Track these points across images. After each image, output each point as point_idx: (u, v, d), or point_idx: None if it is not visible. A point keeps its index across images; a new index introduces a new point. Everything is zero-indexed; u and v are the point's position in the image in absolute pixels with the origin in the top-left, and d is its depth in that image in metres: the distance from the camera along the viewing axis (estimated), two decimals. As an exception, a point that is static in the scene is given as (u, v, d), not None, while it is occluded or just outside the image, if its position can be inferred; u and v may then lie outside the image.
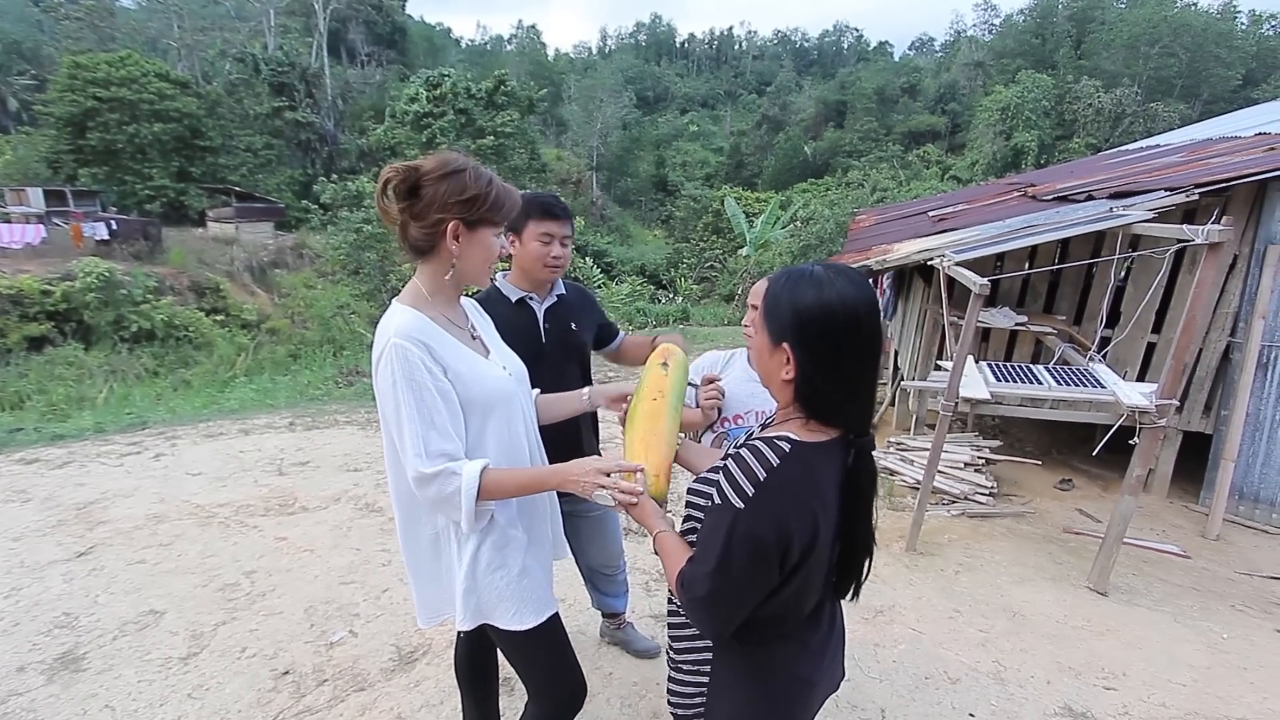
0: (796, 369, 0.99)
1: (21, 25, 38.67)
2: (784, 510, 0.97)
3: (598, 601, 2.43)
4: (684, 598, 1.05)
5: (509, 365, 1.45)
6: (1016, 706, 2.35)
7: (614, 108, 44.93)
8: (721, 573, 0.97)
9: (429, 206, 1.24)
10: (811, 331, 0.97)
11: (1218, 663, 2.71)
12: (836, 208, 18.61)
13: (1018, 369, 3.82)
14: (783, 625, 1.08)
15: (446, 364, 1.26)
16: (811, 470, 1.00)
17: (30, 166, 23.77)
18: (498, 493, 1.27)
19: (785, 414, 1.07)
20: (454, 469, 1.22)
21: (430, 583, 1.41)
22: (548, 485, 1.32)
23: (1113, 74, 37.26)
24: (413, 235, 1.28)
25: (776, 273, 1.07)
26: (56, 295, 12.76)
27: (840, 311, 0.96)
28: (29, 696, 2.20)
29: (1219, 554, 3.85)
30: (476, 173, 1.27)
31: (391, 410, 1.23)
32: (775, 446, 0.99)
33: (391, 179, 1.24)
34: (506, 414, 1.38)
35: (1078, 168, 9.80)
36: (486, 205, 1.27)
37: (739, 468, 0.99)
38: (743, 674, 1.10)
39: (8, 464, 4.26)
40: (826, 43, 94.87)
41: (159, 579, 2.94)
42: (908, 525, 3.58)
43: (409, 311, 1.28)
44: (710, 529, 1.01)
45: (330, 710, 2.17)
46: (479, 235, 1.30)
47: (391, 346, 1.21)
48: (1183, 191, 3.86)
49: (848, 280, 0.98)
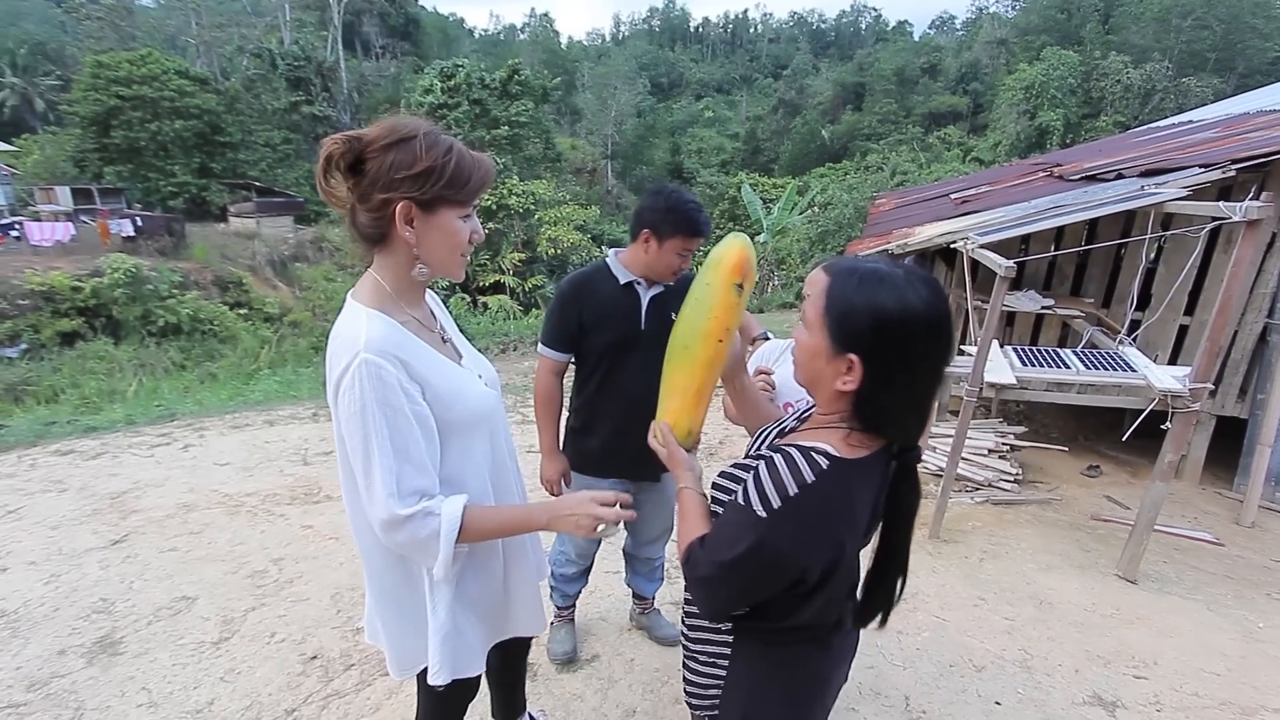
0: (861, 382, 0.90)
1: (45, 27, 39.45)
2: (807, 531, 0.92)
3: (630, 580, 2.46)
4: (688, 571, 1.02)
5: (484, 373, 1.28)
6: (1044, 695, 2.32)
7: (628, 95, 44.64)
8: (730, 569, 0.94)
9: (373, 185, 1.03)
10: (889, 346, 0.88)
11: (1253, 652, 2.64)
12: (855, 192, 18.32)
13: (1044, 353, 3.74)
14: (813, 632, 1.07)
15: (425, 381, 1.08)
16: (847, 490, 0.93)
17: (58, 165, 24.32)
18: (478, 535, 1.11)
19: (826, 420, 0.99)
20: (431, 508, 1.05)
21: (406, 632, 1.23)
22: (534, 524, 1.16)
23: (1142, 49, 36.08)
24: (360, 221, 1.07)
25: (841, 270, 0.94)
26: (86, 291, 13.09)
27: (922, 324, 0.87)
28: (70, 678, 2.27)
29: (1254, 541, 3.75)
30: (430, 140, 1.04)
31: (359, 440, 1.03)
32: (812, 460, 0.92)
33: (334, 152, 1.02)
34: (489, 434, 1.23)
35: (1106, 146, 9.52)
36: (443, 181, 1.04)
37: (769, 475, 0.93)
38: (762, 670, 1.08)
39: (45, 455, 4.39)
40: (844, 23, 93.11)
41: (190, 566, 3.01)
42: (931, 512, 3.54)
43: (378, 318, 1.06)
44: (728, 524, 0.98)
45: (357, 694, 2.21)
46: (438, 218, 1.07)
47: (361, 364, 1.01)
48: (1219, 167, 3.72)
49: (927, 286, 0.89)
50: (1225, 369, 4.27)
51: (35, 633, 2.51)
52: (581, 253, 17.97)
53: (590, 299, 1.93)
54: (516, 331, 10.59)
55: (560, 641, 2.37)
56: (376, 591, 1.22)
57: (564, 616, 2.41)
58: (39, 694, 2.20)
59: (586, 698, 2.22)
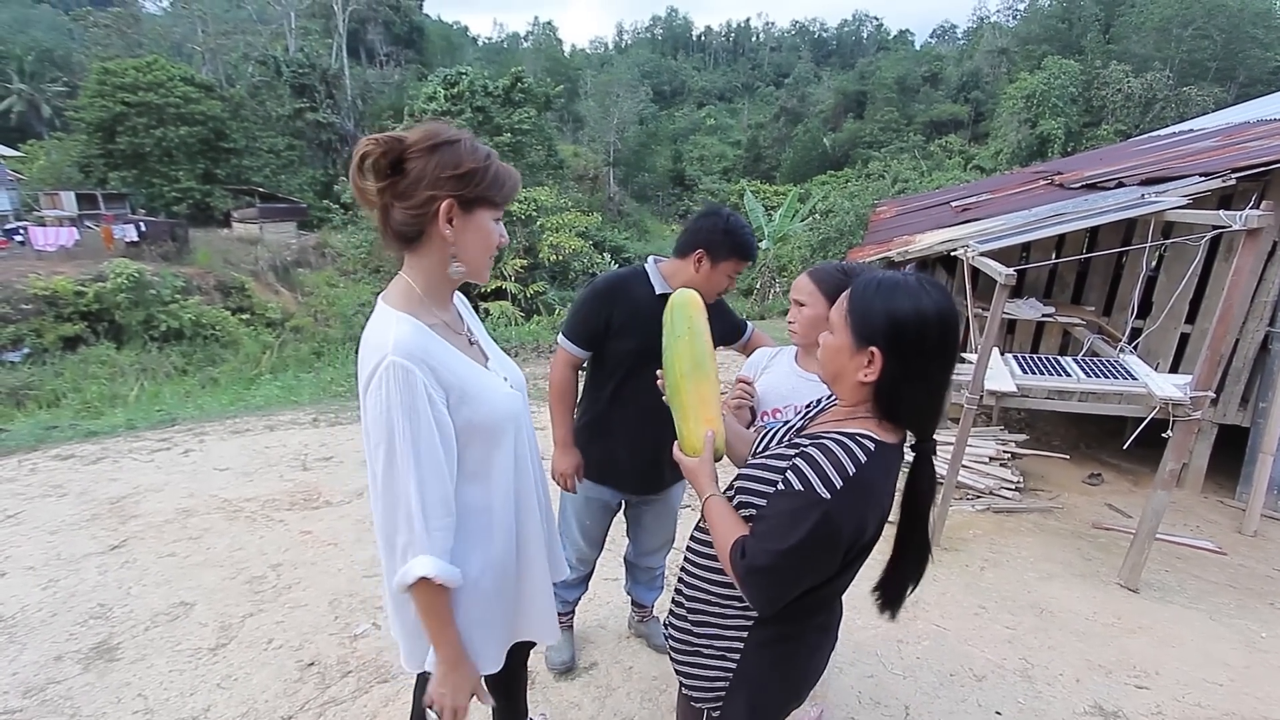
0: (882, 373, 1.01)
1: (53, 34, 39.70)
2: (866, 507, 1.02)
3: (630, 588, 2.45)
4: (743, 566, 1.05)
5: (510, 376, 1.29)
6: (1045, 705, 2.30)
7: (630, 103, 44.78)
8: (794, 554, 0.99)
9: (417, 183, 1.06)
10: (906, 339, 0.99)
11: (1256, 662, 2.63)
12: (856, 200, 18.38)
13: (1045, 361, 3.73)
14: (815, 616, 1.15)
15: (451, 386, 1.10)
16: (889, 472, 1.04)
17: (63, 171, 24.47)
18: (423, 605, 1.10)
19: (852, 411, 1.09)
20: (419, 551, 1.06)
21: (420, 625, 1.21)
22: (448, 653, 1.15)
23: (1143, 58, 36.17)
24: (396, 220, 1.09)
25: (861, 279, 1.07)
26: (89, 296, 13.12)
27: (936, 322, 0.99)
28: (66, 685, 2.26)
29: (1256, 550, 3.73)
30: (472, 145, 1.10)
31: (383, 443, 1.05)
32: (862, 444, 1.02)
33: (370, 152, 1.05)
34: (513, 439, 1.23)
35: (1107, 155, 9.54)
36: (485, 182, 1.09)
37: (826, 459, 1.00)
38: (769, 660, 1.15)
39: (45, 460, 4.39)
40: (845, 32, 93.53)
41: (189, 571, 3.01)
42: (931, 520, 3.52)
43: (406, 321, 1.09)
44: (784, 512, 1.02)
45: (354, 701, 2.20)
46: (476, 218, 1.12)
47: (389, 367, 1.03)
48: (1219, 176, 3.73)
49: (938, 289, 1.03)
50: (1227, 377, 4.26)
51: (32, 638, 2.50)
52: (583, 259, 17.99)
53: (624, 301, 1.91)
54: (518, 337, 10.59)
55: (558, 649, 2.35)
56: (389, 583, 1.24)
57: (562, 624, 2.39)
58: (34, 700, 2.19)
59: (584, 706, 2.20)
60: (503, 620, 1.31)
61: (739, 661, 1.16)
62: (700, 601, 1.21)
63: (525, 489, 1.29)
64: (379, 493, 1.08)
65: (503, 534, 1.25)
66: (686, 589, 1.24)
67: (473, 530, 1.18)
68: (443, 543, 1.09)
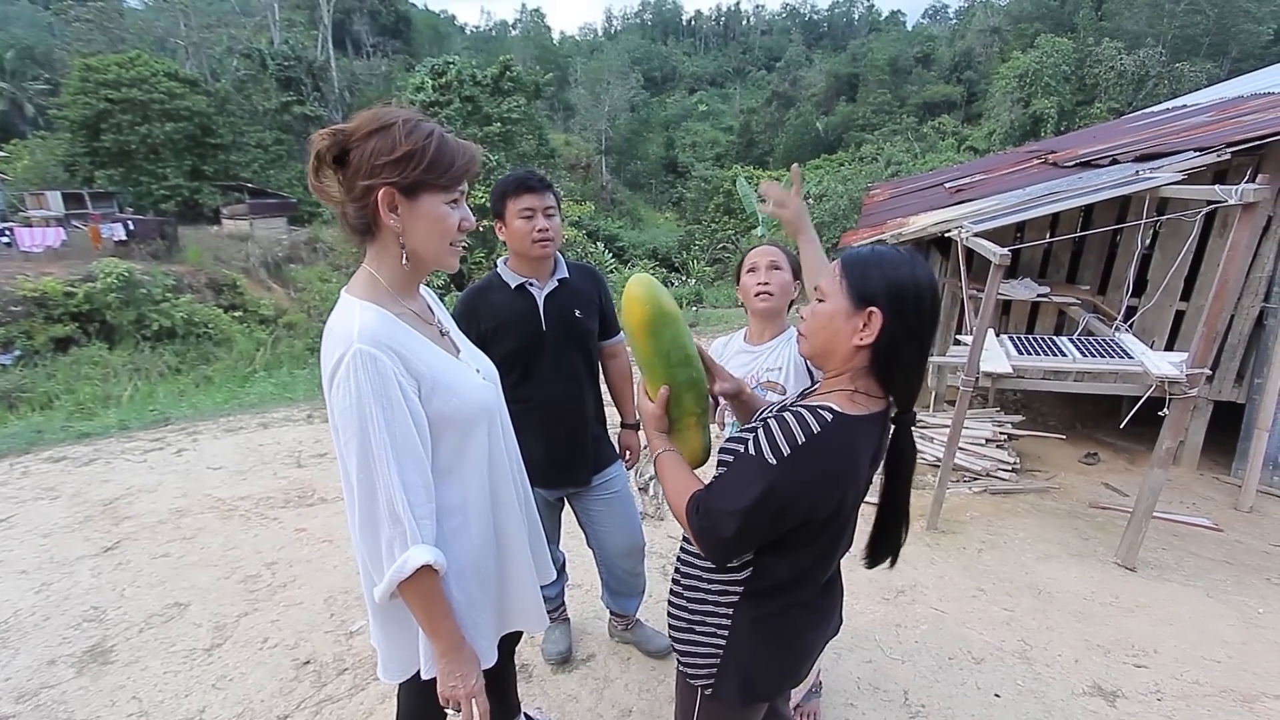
0: (881, 332, 1.03)
1: (33, 30, 39.07)
2: (813, 477, 1.02)
3: (608, 600, 2.33)
4: (695, 522, 1.09)
5: (482, 368, 1.26)
6: (1044, 686, 2.31)
7: (621, 90, 44.40)
8: (743, 515, 1.03)
9: (356, 174, 1.02)
10: (906, 297, 1.03)
11: (1254, 638, 2.63)
12: (850, 183, 18.31)
13: (1040, 341, 3.71)
14: (801, 593, 1.17)
15: (422, 376, 1.06)
16: (849, 443, 1.05)
17: (48, 170, 24.12)
18: (416, 598, 1.07)
19: (831, 385, 1.11)
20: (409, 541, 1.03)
21: (404, 627, 1.18)
22: (447, 647, 1.12)
23: (1135, 34, 35.97)
24: (348, 213, 1.06)
25: (850, 251, 1.12)
26: (79, 296, 12.99)
27: (928, 285, 1.05)
28: (60, 689, 2.24)
29: (1253, 526, 3.74)
30: (410, 126, 1.03)
31: (355, 437, 1.00)
32: (818, 415, 1.03)
33: (322, 147, 1.02)
34: (487, 430, 1.20)
35: (1100, 132, 9.48)
36: (423, 165, 1.02)
37: (779, 427, 1.03)
38: (760, 636, 1.17)
39: (36, 462, 4.35)
40: (836, 14, 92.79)
41: (183, 572, 2.98)
42: (928, 503, 3.52)
43: (371, 309, 1.04)
44: (739, 472, 1.06)
45: (350, 699, 2.19)
46: (421, 204, 1.05)
47: (356, 355, 0.98)
48: (1214, 151, 3.69)
49: (925, 262, 1.09)
50: (1222, 354, 4.25)
51: (25, 642, 2.48)
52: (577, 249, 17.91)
53: (484, 310, 1.88)
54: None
55: (555, 641, 2.34)
56: (369, 589, 1.18)
57: (557, 616, 2.37)
58: (28, 705, 2.17)
59: (582, 698, 2.20)
60: (489, 614, 1.29)
61: (729, 638, 1.17)
62: (693, 579, 1.23)
63: (502, 482, 1.26)
64: (355, 491, 1.03)
65: (480, 530, 1.22)
66: (683, 565, 1.26)
67: (448, 531, 1.15)
68: (431, 531, 1.07)
